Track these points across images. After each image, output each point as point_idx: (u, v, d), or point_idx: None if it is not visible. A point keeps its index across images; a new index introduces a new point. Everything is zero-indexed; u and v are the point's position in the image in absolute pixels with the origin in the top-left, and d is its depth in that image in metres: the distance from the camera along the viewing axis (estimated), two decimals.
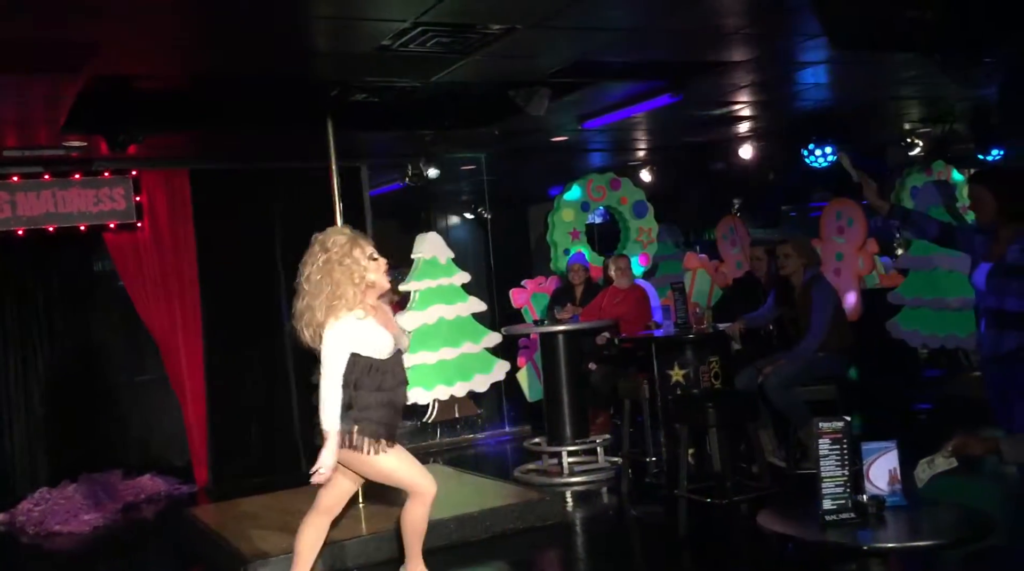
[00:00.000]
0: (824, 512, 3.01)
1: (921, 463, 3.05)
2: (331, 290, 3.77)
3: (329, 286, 3.77)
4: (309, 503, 5.79)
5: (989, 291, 3.84)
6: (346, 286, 3.78)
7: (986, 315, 3.86)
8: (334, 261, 3.81)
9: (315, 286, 3.80)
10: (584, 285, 7.89)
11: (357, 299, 3.81)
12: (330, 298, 3.77)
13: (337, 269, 3.79)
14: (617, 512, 6.03)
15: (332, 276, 3.79)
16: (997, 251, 3.89)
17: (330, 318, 3.78)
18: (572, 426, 6.78)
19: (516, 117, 6.60)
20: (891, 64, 6.20)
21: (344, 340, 3.79)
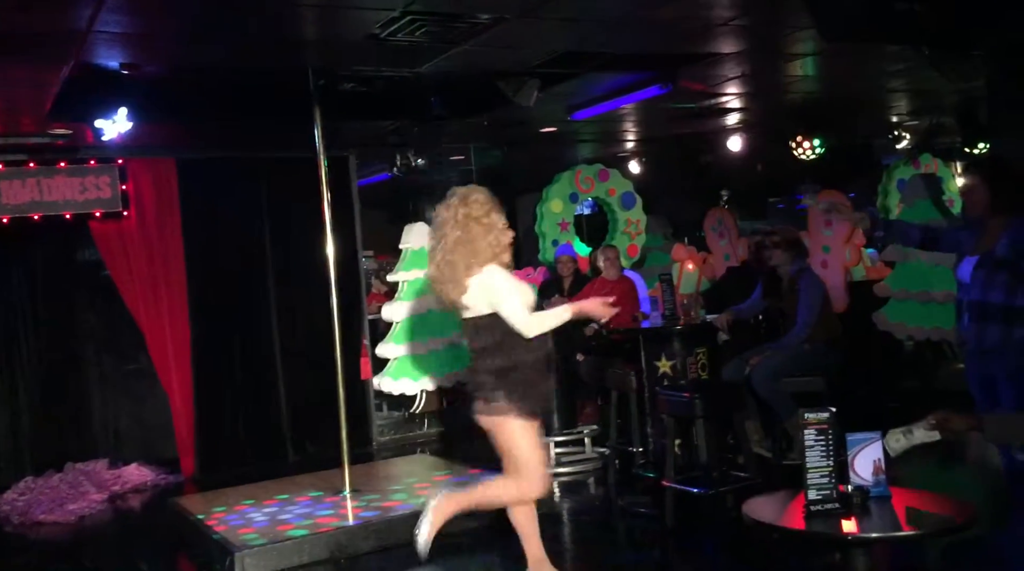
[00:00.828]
0: (809, 502, 3.02)
1: (894, 432, 3.04)
2: (470, 246, 3.80)
3: (468, 241, 3.80)
4: (294, 491, 5.82)
5: (973, 284, 3.84)
6: (482, 243, 3.81)
7: (970, 308, 3.86)
8: (473, 217, 3.83)
9: (453, 241, 3.82)
10: (572, 277, 7.89)
11: (492, 257, 3.84)
12: (469, 254, 3.80)
13: (475, 226, 3.82)
14: (604, 502, 6.05)
15: (470, 232, 3.81)
16: (985, 244, 3.90)
17: (474, 269, 3.80)
18: (560, 417, 6.79)
19: (505, 108, 6.59)
20: (879, 57, 6.21)
21: (507, 278, 3.85)
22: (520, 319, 3.79)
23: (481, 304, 3.84)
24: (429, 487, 5.76)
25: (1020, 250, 3.75)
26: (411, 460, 7.12)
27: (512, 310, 3.79)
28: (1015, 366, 3.72)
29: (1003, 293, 3.75)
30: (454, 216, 3.84)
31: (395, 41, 5.05)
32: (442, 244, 3.85)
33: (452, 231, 3.82)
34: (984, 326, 3.80)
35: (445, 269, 3.83)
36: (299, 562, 4.78)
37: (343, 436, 5.70)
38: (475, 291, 3.81)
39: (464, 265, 3.79)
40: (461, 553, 5.01)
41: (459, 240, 3.80)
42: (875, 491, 3.09)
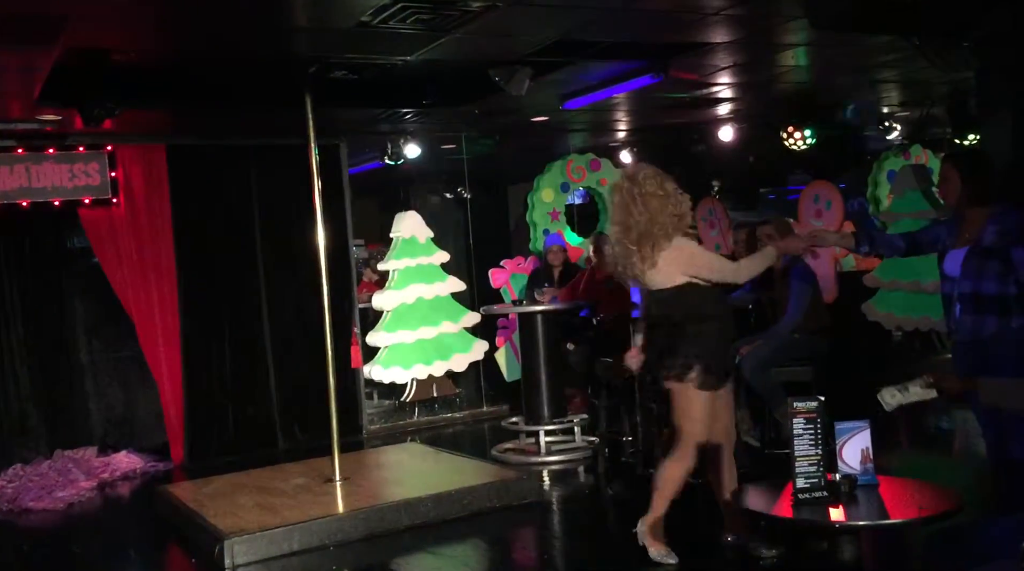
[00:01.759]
0: (797, 490, 3.04)
1: (889, 388, 3.06)
2: (653, 221, 4.01)
3: (649, 218, 4.01)
4: (286, 482, 5.83)
5: (964, 275, 3.84)
6: (662, 216, 4.02)
7: (961, 300, 3.86)
8: (649, 193, 4.04)
9: (636, 221, 4.04)
10: (562, 266, 7.90)
11: (677, 228, 4.07)
12: (655, 229, 4.01)
13: (653, 201, 4.03)
14: (593, 491, 6.07)
15: (650, 207, 4.02)
16: (967, 236, 3.90)
17: (663, 243, 4.03)
18: (550, 406, 6.81)
19: (497, 96, 6.57)
20: (871, 46, 6.21)
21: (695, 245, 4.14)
22: (729, 271, 4.11)
23: (669, 277, 4.06)
24: (419, 475, 5.79)
25: (1007, 238, 3.76)
26: (401, 448, 7.13)
27: (718, 268, 4.09)
28: (1012, 355, 3.73)
29: (996, 283, 3.76)
30: (630, 197, 4.07)
31: (386, 29, 5.03)
32: (624, 225, 4.08)
33: (632, 211, 4.05)
34: (980, 317, 3.80)
35: (632, 248, 4.05)
36: (288, 550, 4.79)
37: (333, 424, 5.71)
38: (664, 265, 4.05)
39: (651, 242, 4.02)
40: (452, 540, 5.03)
41: (640, 218, 4.02)
42: (863, 479, 3.11)
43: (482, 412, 8.71)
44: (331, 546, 4.89)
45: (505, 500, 5.42)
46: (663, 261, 4.03)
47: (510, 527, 5.31)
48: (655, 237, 4.02)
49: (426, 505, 5.20)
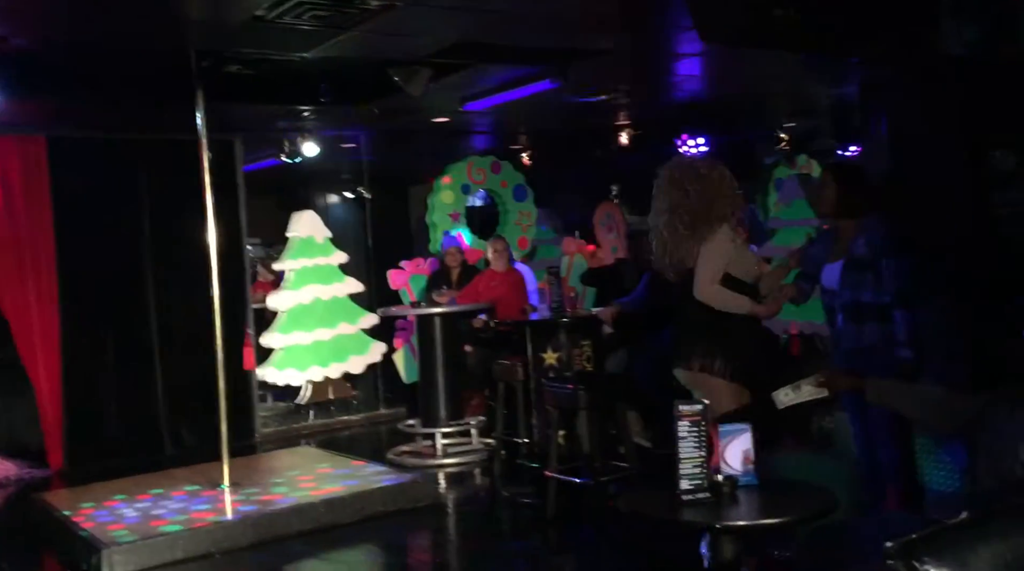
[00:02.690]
0: (681, 492, 3.11)
1: (784, 388, 3.14)
2: (695, 214, 4.05)
3: (691, 211, 4.06)
4: (172, 487, 5.64)
5: (844, 286, 3.99)
6: (704, 211, 4.07)
7: (843, 310, 4.01)
8: (704, 177, 4.11)
9: (680, 215, 4.07)
10: (460, 268, 7.90)
11: (723, 218, 4.10)
12: (699, 222, 4.05)
13: (711, 185, 4.10)
14: (489, 493, 6.09)
15: (705, 198, 4.07)
16: (842, 248, 4.05)
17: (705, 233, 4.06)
18: (447, 408, 6.80)
19: (397, 96, 6.52)
20: (760, 59, 6.41)
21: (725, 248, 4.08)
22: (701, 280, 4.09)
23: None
24: (312, 480, 5.69)
25: (876, 249, 3.93)
26: (294, 452, 7.00)
27: (702, 274, 4.08)
28: (892, 362, 3.87)
29: (872, 293, 3.91)
30: (688, 181, 4.10)
31: (282, 24, 4.93)
32: (667, 219, 4.11)
33: (689, 194, 4.08)
34: (861, 326, 3.93)
35: (685, 232, 4.07)
36: (172, 558, 4.64)
37: (223, 428, 5.55)
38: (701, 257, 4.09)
39: (693, 236, 4.07)
40: (344, 545, 4.96)
41: (697, 202, 4.06)
42: (744, 480, 3.19)
43: (379, 414, 8.63)
44: (218, 554, 4.76)
45: (400, 504, 5.37)
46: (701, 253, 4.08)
47: (404, 531, 5.27)
48: (701, 230, 4.06)
49: (318, 510, 5.12)
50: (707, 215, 4.06)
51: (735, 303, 4.08)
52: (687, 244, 4.08)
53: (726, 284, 4.07)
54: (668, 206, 4.12)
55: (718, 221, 4.07)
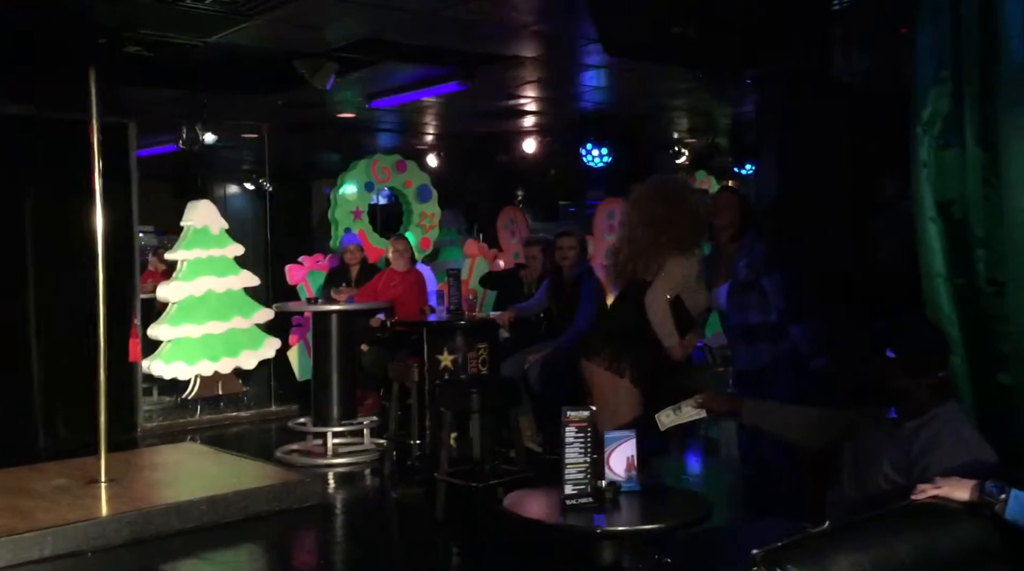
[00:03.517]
0: (565, 496, 3.15)
1: (665, 410, 3.20)
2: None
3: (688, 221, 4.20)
4: (43, 482, 5.39)
5: (731, 310, 4.11)
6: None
7: (732, 333, 4.13)
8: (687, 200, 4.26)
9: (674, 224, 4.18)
10: (360, 266, 7.82)
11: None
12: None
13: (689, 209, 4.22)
14: (378, 494, 6.04)
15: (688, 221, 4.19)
16: (725, 271, 4.17)
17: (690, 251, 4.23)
18: (340, 407, 6.70)
19: (301, 89, 6.42)
20: (663, 75, 6.57)
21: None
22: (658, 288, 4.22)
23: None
24: (195, 477, 5.54)
25: (756, 270, 4.06)
26: (178, 448, 6.79)
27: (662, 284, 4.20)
28: (786, 378, 3.99)
29: (758, 313, 4.03)
30: (649, 206, 4.25)
31: (184, 7, 4.80)
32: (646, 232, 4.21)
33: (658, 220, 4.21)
34: (753, 347, 4.06)
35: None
36: (40, 555, 4.43)
37: (101, 420, 5.35)
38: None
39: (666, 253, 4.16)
40: (226, 545, 4.85)
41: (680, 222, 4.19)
42: (626, 486, 3.26)
43: (270, 412, 8.45)
44: (90, 552, 4.57)
45: (285, 503, 5.27)
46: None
47: (289, 531, 5.17)
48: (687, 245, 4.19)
49: (199, 508, 4.97)
50: (686, 239, 4.20)
51: (666, 328, 4.19)
52: (658, 259, 4.18)
53: (673, 306, 4.18)
54: (650, 219, 4.21)
55: (692, 246, 4.23)
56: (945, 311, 2.92)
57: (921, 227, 2.99)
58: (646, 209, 4.24)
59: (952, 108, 2.93)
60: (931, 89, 3.00)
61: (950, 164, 2.93)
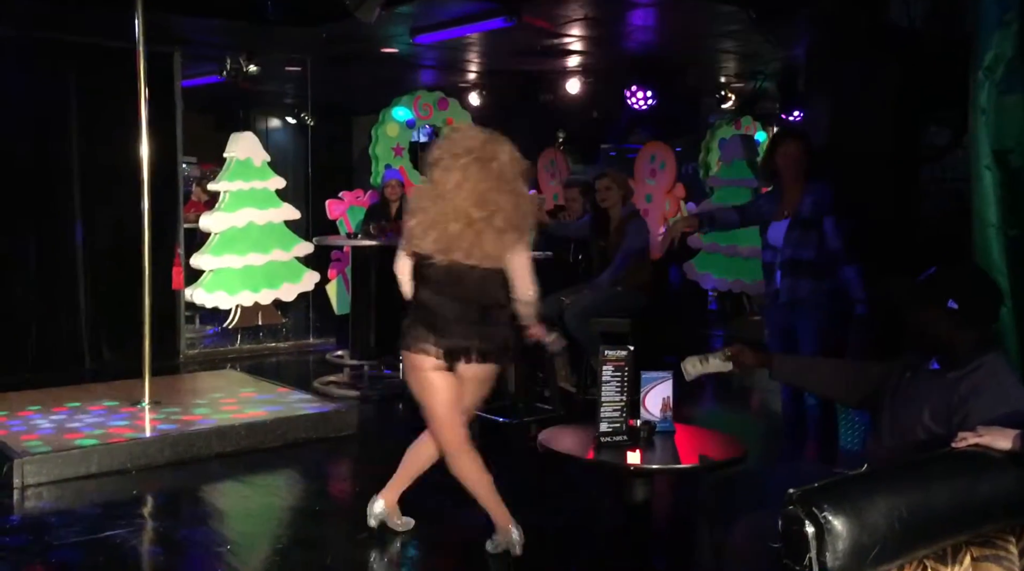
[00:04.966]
0: (600, 434, 3.18)
1: (691, 358, 3.18)
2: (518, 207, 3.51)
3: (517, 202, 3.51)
4: (88, 400, 5.55)
5: (786, 244, 4.13)
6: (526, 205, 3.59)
7: (783, 267, 4.15)
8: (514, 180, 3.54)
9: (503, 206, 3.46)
10: (400, 202, 7.82)
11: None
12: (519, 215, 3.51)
13: (519, 188, 3.55)
14: (412, 427, 6.12)
15: (518, 194, 3.53)
16: (789, 208, 4.17)
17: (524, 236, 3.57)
18: (377, 341, 6.78)
19: (345, 21, 6.36)
20: (714, 15, 6.42)
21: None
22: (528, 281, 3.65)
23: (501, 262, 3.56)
24: (235, 403, 5.67)
25: (820, 211, 4.08)
26: (218, 375, 6.93)
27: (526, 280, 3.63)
28: (820, 316, 4.07)
29: (812, 250, 4.07)
30: (499, 177, 3.50)
31: None
32: (489, 206, 3.47)
33: (500, 196, 3.48)
34: (796, 280, 4.09)
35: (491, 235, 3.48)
36: (86, 471, 4.59)
37: (145, 345, 5.47)
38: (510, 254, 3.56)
39: (517, 234, 3.56)
40: (263, 469, 4.97)
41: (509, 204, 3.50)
42: (661, 426, 3.28)
43: (308, 344, 8.58)
44: (134, 470, 4.72)
45: (322, 432, 5.39)
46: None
47: (325, 459, 5.29)
48: (521, 230, 3.53)
49: (239, 433, 5.10)
50: (519, 224, 3.54)
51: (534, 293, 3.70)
52: (488, 247, 3.47)
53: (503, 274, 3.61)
54: (470, 182, 3.45)
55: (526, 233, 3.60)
56: (995, 261, 2.87)
57: (976, 175, 2.93)
58: (472, 172, 3.51)
59: (1016, 52, 2.84)
60: (994, 32, 2.91)
61: (1010, 111, 2.86)
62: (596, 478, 4.28)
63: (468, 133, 3.65)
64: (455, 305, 3.54)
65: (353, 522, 4.04)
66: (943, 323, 2.52)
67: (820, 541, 1.89)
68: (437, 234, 3.49)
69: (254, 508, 4.49)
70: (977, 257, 2.93)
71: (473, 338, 3.52)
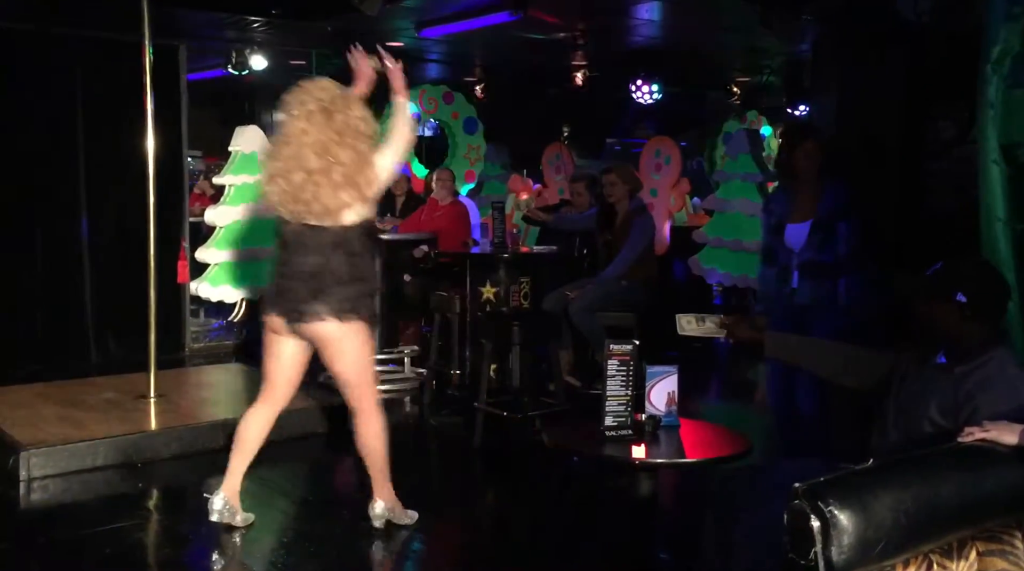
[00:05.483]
0: (605, 428, 3.18)
1: (688, 315, 3.16)
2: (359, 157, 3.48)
3: (357, 153, 3.48)
4: (95, 395, 5.57)
5: (808, 247, 4.11)
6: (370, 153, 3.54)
7: (801, 268, 4.14)
8: (356, 127, 3.52)
9: (342, 160, 3.45)
10: (405, 196, 7.83)
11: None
12: (362, 165, 3.49)
13: (362, 135, 3.52)
14: (417, 421, 6.13)
15: (359, 143, 3.49)
16: (804, 209, 4.15)
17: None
18: (381, 335, 6.77)
19: (350, 15, 6.36)
20: (717, 9, 6.41)
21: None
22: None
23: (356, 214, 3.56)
24: (240, 397, 5.66)
25: (840, 213, 4.07)
26: (224, 368, 6.94)
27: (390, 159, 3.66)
28: (837, 319, 4.06)
29: (832, 253, 4.07)
30: (335, 130, 3.47)
31: None
32: (326, 160, 3.45)
33: (339, 149, 3.45)
34: (817, 282, 4.08)
35: (330, 190, 3.45)
36: (92, 464, 4.60)
37: (151, 338, 5.47)
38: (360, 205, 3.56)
39: (361, 183, 3.51)
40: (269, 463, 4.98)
41: (348, 158, 3.48)
42: (666, 421, 3.29)
43: None
44: (139, 463, 4.73)
45: (326, 426, 5.39)
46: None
47: (330, 452, 5.29)
48: (361, 190, 3.47)
49: None
50: (361, 173, 3.48)
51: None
52: (327, 202, 3.44)
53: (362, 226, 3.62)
54: (320, 147, 3.43)
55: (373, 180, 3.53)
56: (1003, 255, 2.86)
57: (984, 169, 2.92)
58: (305, 146, 3.50)
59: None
60: (1002, 26, 2.90)
61: (1018, 105, 2.85)
62: (601, 472, 4.29)
63: (321, 84, 3.62)
64: (301, 267, 3.56)
65: (358, 515, 4.05)
66: (951, 317, 2.51)
67: (825, 535, 1.89)
68: (282, 184, 3.51)
69: (259, 501, 4.49)
70: (984, 251, 2.92)
71: (311, 300, 3.54)
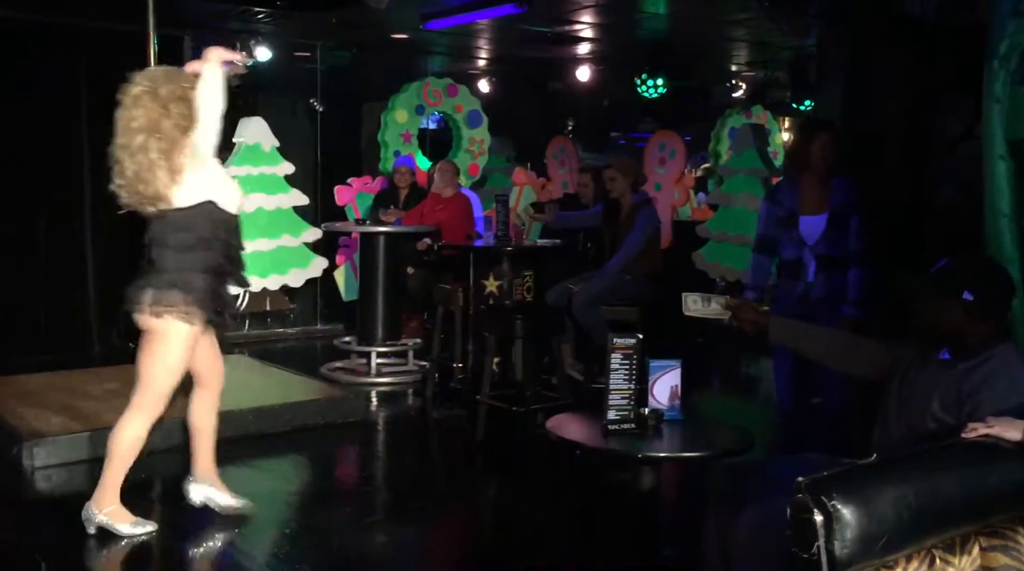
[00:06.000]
0: (608, 422, 3.18)
1: (694, 294, 3.13)
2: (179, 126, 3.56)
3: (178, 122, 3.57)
4: (98, 385, 5.57)
5: (823, 241, 4.13)
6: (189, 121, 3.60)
7: (818, 261, 4.14)
8: (179, 98, 3.60)
9: (165, 129, 3.57)
10: (409, 189, 7.82)
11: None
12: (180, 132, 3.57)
13: (183, 104, 3.58)
14: (419, 413, 6.14)
15: (180, 112, 3.58)
16: (816, 203, 4.16)
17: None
18: (384, 327, 6.78)
19: (355, 7, 6.35)
20: (725, 3, 6.39)
21: None
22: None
23: (193, 193, 3.64)
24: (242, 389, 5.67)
25: (851, 207, 4.10)
26: (227, 360, 6.89)
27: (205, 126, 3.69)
28: (847, 311, 4.11)
29: (844, 247, 4.12)
30: (160, 104, 3.60)
31: None
32: (149, 134, 3.60)
33: (163, 121, 3.58)
34: (833, 276, 4.12)
35: (159, 160, 3.58)
36: (94, 455, 4.60)
37: None
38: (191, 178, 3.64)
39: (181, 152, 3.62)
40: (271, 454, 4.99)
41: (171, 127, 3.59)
42: (669, 415, 3.28)
43: (315, 329, 8.60)
44: (143, 454, 4.72)
45: (329, 418, 5.40)
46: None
47: (332, 445, 5.31)
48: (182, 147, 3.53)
49: (247, 418, 5.11)
50: (181, 142, 3.55)
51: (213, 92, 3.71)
52: (159, 173, 3.52)
53: (210, 206, 3.71)
54: (146, 124, 3.54)
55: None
56: (1008, 252, 2.85)
57: (989, 165, 2.91)
58: (135, 123, 3.66)
59: None
60: (1009, 22, 2.89)
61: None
62: (604, 466, 4.29)
63: (151, 71, 3.75)
64: (145, 255, 3.71)
65: (361, 507, 4.07)
66: (957, 314, 2.51)
67: (828, 530, 1.89)
68: (120, 179, 3.63)
69: (262, 493, 4.50)
70: (989, 248, 2.92)
71: (142, 289, 3.67)
